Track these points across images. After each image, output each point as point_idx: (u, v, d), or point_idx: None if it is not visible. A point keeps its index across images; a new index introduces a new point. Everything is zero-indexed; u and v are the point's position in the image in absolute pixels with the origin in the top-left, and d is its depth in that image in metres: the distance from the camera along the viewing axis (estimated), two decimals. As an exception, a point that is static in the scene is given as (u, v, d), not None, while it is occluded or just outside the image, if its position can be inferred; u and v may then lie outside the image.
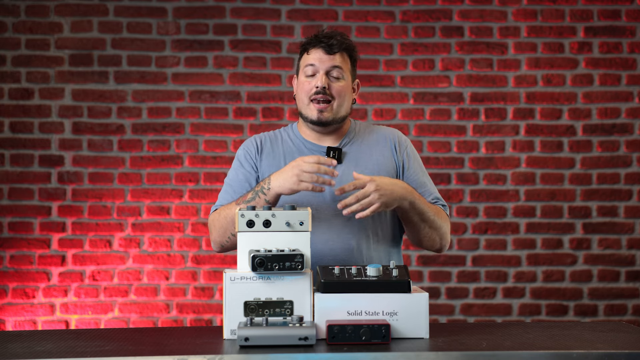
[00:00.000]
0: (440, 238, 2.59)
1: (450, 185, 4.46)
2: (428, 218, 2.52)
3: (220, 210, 2.55)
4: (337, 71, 2.58)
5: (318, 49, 2.59)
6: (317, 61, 2.58)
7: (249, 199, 2.46)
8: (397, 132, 2.73)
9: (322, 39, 2.58)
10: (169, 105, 4.41)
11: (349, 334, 2.04)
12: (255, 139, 2.68)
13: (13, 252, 4.33)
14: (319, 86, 2.55)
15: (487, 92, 4.48)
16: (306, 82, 2.59)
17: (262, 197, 2.44)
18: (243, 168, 2.64)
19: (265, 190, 2.43)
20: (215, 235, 2.57)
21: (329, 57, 2.58)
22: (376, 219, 2.58)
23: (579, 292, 4.45)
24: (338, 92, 2.58)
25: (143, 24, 4.42)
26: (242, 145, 2.70)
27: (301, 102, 2.61)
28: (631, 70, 4.48)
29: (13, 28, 4.38)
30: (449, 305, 4.43)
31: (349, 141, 2.66)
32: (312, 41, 2.60)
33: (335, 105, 2.58)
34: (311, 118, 2.58)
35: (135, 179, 4.39)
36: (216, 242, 2.58)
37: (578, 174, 4.47)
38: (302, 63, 2.63)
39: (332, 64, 2.57)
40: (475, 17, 4.47)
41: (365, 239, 2.56)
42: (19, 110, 4.38)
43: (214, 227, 2.57)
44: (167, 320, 4.35)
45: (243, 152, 2.66)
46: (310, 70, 2.58)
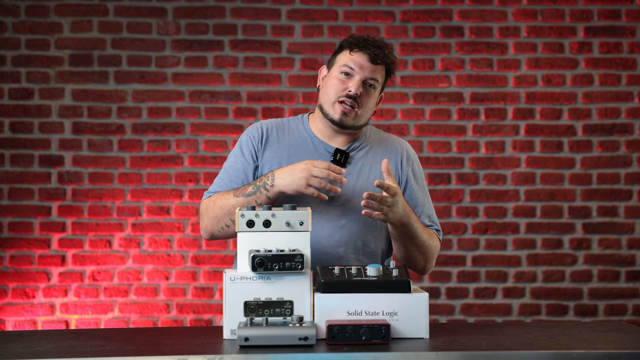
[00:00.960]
0: (425, 261, 2.57)
1: (450, 185, 4.46)
2: (418, 242, 2.50)
3: (215, 199, 2.50)
4: (372, 82, 2.53)
5: (364, 54, 2.52)
6: (357, 65, 2.51)
7: (249, 193, 2.43)
8: (406, 146, 2.67)
9: (370, 46, 2.52)
10: (169, 105, 4.41)
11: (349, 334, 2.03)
12: (262, 126, 2.61)
13: (13, 252, 4.33)
14: (353, 91, 2.49)
15: (487, 92, 4.48)
16: (339, 80, 2.52)
17: (264, 193, 2.41)
18: (243, 157, 2.58)
19: (268, 186, 2.41)
20: (207, 223, 2.52)
21: (371, 67, 2.52)
22: (370, 231, 2.55)
23: (579, 292, 4.45)
24: (366, 103, 2.53)
25: (143, 24, 4.42)
26: (246, 130, 2.63)
27: (327, 97, 2.54)
28: (631, 70, 4.48)
29: (13, 28, 4.38)
30: (449, 305, 4.43)
31: (359, 146, 2.61)
32: (361, 43, 2.53)
33: (359, 113, 2.53)
34: (332, 117, 2.52)
35: (135, 179, 4.39)
36: (207, 230, 2.53)
37: (578, 174, 4.47)
38: (340, 58, 2.55)
39: (371, 75, 2.52)
40: (475, 17, 4.47)
41: (352, 249, 2.52)
42: (19, 110, 4.38)
43: (206, 214, 2.51)
44: (167, 320, 4.35)
45: (246, 139, 2.60)
46: (348, 70, 2.52)
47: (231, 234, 2.49)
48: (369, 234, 2.55)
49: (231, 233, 2.49)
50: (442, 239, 4.42)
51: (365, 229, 2.54)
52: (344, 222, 2.52)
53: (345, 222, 2.52)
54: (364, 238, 2.54)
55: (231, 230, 2.48)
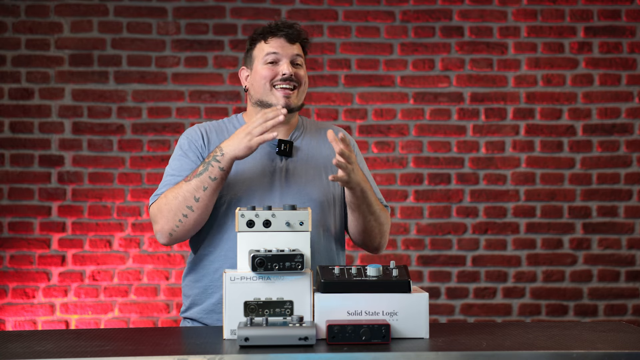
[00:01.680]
0: (381, 235, 2.59)
1: (450, 185, 4.46)
2: (374, 211, 2.52)
3: (165, 195, 2.43)
4: (299, 59, 2.56)
5: (279, 37, 2.55)
6: (279, 49, 2.53)
7: (200, 172, 2.39)
8: (342, 130, 2.65)
9: (283, 28, 2.55)
10: (169, 105, 4.41)
11: (349, 334, 2.03)
12: (200, 129, 2.59)
13: (13, 252, 4.33)
14: (287, 73, 2.51)
15: (487, 92, 4.48)
16: (267, 68, 2.53)
17: (216, 165, 2.38)
18: (188, 158, 2.53)
19: (218, 157, 2.38)
20: (162, 223, 2.42)
21: (291, 46, 2.55)
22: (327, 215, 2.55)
23: (579, 292, 4.45)
24: (301, 79, 2.56)
25: (143, 24, 4.42)
26: (184, 134, 2.60)
27: (262, 88, 2.53)
28: (631, 70, 4.48)
29: (13, 28, 4.38)
30: (449, 305, 4.43)
31: (300, 135, 2.63)
32: (273, 29, 2.56)
33: (300, 92, 2.56)
34: (277, 104, 2.51)
35: (135, 179, 4.39)
36: (164, 230, 2.43)
37: (578, 174, 4.47)
38: (258, 52, 2.57)
39: (294, 52, 2.55)
40: (475, 17, 4.47)
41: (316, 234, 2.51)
42: (19, 110, 4.38)
43: (160, 213, 2.42)
44: (167, 320, 4.35)
45: (187, 141, 2.56)
46: (272, 58, 2.53)
47: (190, 226, 2.42)
48: (328, 218, 2.56)
49: (190, 225, 2.42)
50: (442, 238, 4.44)
51: (322, 213, 2.54)
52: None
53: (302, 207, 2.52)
54: (324, 222, 2.55)
55: (190, 221, 2.41)
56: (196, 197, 2.39)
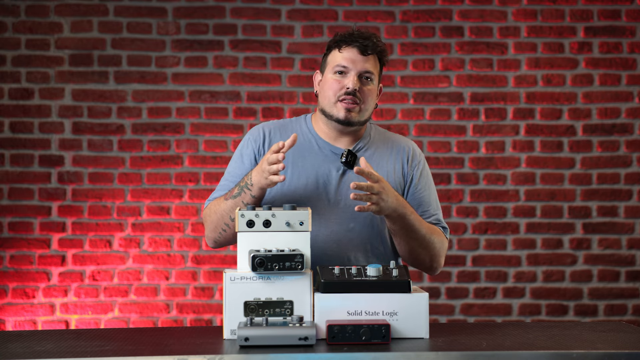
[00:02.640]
0: (431, 259, 2.52)
1: (450, 185, 4.46)
2: (419, 235, 2.45)
3: (211, 205, 2.53)
4: (368, 74, 2.52)
5: (352, 48, 2.51)
6: (349, 62, 2.50)
7: (235, 195, 2.43)
8: (412, 145, 2.65)
9: (357, 39, 2.51)
10: (169, 105, 4.41)
11: (349, 334, 2.03)
12: (263, 128, 2.59)
13: (13, 252, 4.33)
14: (350, 87, 2.48)
15: (487, 92, 4.48)
16: (335, 80, 2.51)
17: (247, 193, 2.40)
18: (242, 162, 2.57)
19: (249, 186, 2.40)
20: (208, 231, 2.55)
21: (363, 59, 2.51)
22: (377, 233, 2.53)
23: (579, 292, 4.45)
24: (366, 96, 2.51)
25: (143, 24, 4.42)
26: (247, 134, 2.61)
27: (327, 99, 2.52)
28: (631, 70, 4.48)
29: (13, 28, 4.38)
30: (449, 305, 4.43)
31: (364, 146, 2.59)
32: (347, 39, 2.52)
33: (363, 108, 2.51)
34: (337, 117, 2.50)
35: (135, 179, 4.39)
36: (209, 237, 2.56)
37: (578, 174, 4.47)
38: (331, 59, 2.54)
39: (365, 66, 2.51)
40: (475, 17, 4.47)
41: (363, 251, 2.51)
42: (19, 110, 4.38)
43: (206, 222, 2.55)
44: (167, 320, 4.35)
45: (247, 143, 2.58)
46: (341, 69, 2.50)
47: (230, 238, 2.50)
48: (376, 237, 2.53)
49: (230, 237, 2.50)
50: (442, 239, 4.43)
51: (373, 231, 2.52)
52: (352, 226, 2.50)
53: (354, 225, 2.51)
54: (372, 241, 2.53)
55: (229, 235, 2.49)
56: (231, 217, 2.45)
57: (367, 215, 2.50)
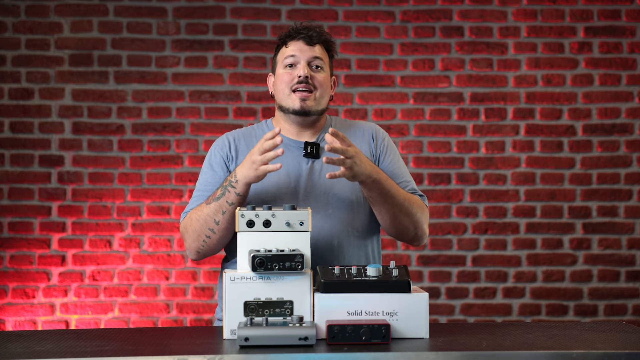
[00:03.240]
0: (415, 227, 2.51)
1: (450, 185, 4.46)
2: (397, 201, 2.45)
3: (190, 215, 2.48)
4: (318, 62, 2.55)
5: (298, 40, 2.55)
6: (297, 52, 2.54)
7: (219, 196, 2.41)
8: (374, 126, 2.67)
9: (301, 31, 2.55)
10: (169, 105, 4.41)
11: (349, 334, 2.03)
12: (228, 138, 2.61)
13: (13, 252, 4.33)
14: (302, 75, 2.50)
15: (487, 92, 4.48)
16: (286, 73, 2.54)
17: (232, 191, 2.38)
18: (213, 171, 2.57)
19: (233, 183, 2.38)
20: (189, 242, 2.49)
21: (310, 48, 2.54)
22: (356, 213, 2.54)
23: (579, 292, 4.45)
24: (320, 83, 2.54)
25: (143, 24, 4.42)
26: (213, 145, 2.62)
27: (281, 93, 2.54)
28: (631, 70, 4.48)
29: (13, 28, 4.38)
30: (449, 305, 4.43)
31: None
32: (292, 34, 2.56)
33: (318, 96, 2.53)
34: (293, 108, 2.52)
35: (135, 179, 4.39)
36: (191, 248, 2.50)
37: (578, 174, 4.47)
38: (279, 57, 2.58)
39: (313, 54, 2.54)
40: (475, 17, 4.47)
41: (345, 234, 2.52)
42: (19, 110, 4.38)
43: (186, 233, 2.49)
44: (167, 320, 4.35)
45: (214, 153, 2.59)
46: (290, 61, 2.54)
47: (214, 245, 2.47)
48: (357, 217, 2.55)
49: (214, 244, 2.46)
50: (442, 239, 4.44)
51: (352, 213, 2.53)
52: (330, 212, 2.52)
53: (332, 211, 2.52)
54: (352, 222, 2.54)
55: (214, 241, 2.45)
56: (216, 221, 2.42)
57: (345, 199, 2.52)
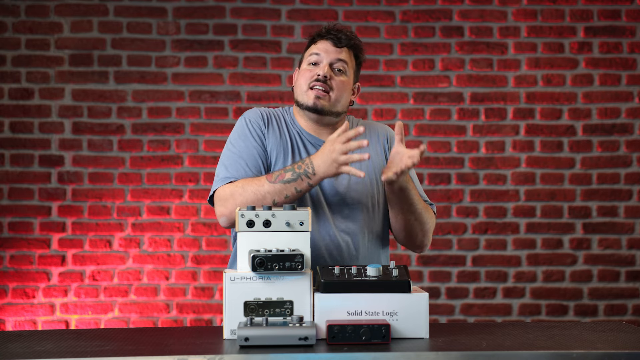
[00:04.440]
0: (423, 234, 2.56)
1: (450, 185, 4.46)
2: (415, 210, 2.49)
3: (243, 184, 2.40)
4: (341, 64, 2.54)
5: (326, 40, 2.56)
6: (322, 51, 2.54)
7: (289, 180, 2.37)
8: (388, 129, 2.69)
9: (331, 32, 2.56)
10: (169, 105, 4.41)
11: (349, 334, 2.03)
12: (262, 112, 2.59)
13: (13, 252, 4.33)
14: (321, 74, 2.50)
15: (487, 92, 4.48)
16: (308, 70, 2.54)
17: (306, 181, 2.36)
18: (255, 140, 2.53)
19: (309, 174, 2.36)
20: (232, 209, 2.40)
21: (336, 50, 2.54)
22: (371, 216, 2.56)
23: (579, 292, 4.45)
24: (338, 86, 2.53)
25: (143, 24, 4.42)
26: (245, 114, 2.60)
27: (299, 88, 2.55)
28: (631, 70, 4.48)
29: (13, 28, 4.38)
30: (449, 305, 4.43)
31: None
32: (322, 33, 2.57)
33: (333, 97, 2.53)
34: (307, 104, 2.52)
35: (135, 179, 4.39)
36: (228, 217, 2.41)
37: (578, 174, 4.47)
38: (306, 53, 2.59)
39: (337, 56, 2.54)
40: (475, 17, 4.47)
41: (360, 236, 2.54)
42: (19, 110, 4.38)
43: (232, 199, 2.40)
44: (167, 320, 4.35)
45: (251, 124, 2.56)
46: (314, 59, 2.55)
47: None
48: (372, 220, 2.57)
49: None
50: (442, 239, 4.44)
51: (367, 216, 2.55)
52: (347, 212, 2.53)
53: (349, 212, 2.53)
54: (367, 224, 2.56)
55: None
56: (274, 201, 2.39)
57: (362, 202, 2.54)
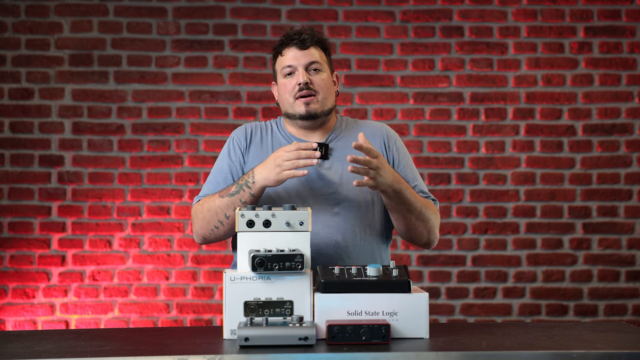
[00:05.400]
0: (428, 232, 2.55)
1: (450, 185, 4.46)
2: (415, 209, 2.48)
3: (203, 202, 2.53)
4: (315, 65, 2.57)
5: (291, 47, 2.57)
6: (293, 60, 2.56)
7: (233, 192, 2.45)
8: (385, 127, 2.70)
9: (293, 37, 2.57)
10: (169, 105, 4.41)
11: (349, 334, 2.03)
12: (247, 128, 2.66)
13: (13, 252, 4.33)
14: (302, 82, 2.53)
15: (487, 92, 4.48)
16: (287, 82, 2.57)
17: (247, 191, 2.42)
18: (229, 158, 2.62)
19: (250, 184, 2.42)
20: (197, 227, 2.54)
21: (304, 53, 2.56)
22: (364, 214, 2.56)
23: (579, 292, 4.45)
24: (320, 86, 2.56)
25: (143, 24, 4.42)
26: (233, 132, 2.68)
27: (286, 102, 2.58)
28: (631, 70, 4.48)
29: (13, 28, 4.38)
30: (449, 305, 4.43)
31: (336, 137, 2.63)
32: (284, 41, 2.59)
33: (321, 98, 2.56)
34: (300, 113, 2.55)
35: (135, 179, 4.39)
36: (198, 234, 2.55)
37: (578, 174, 4.47)
38: (278, 67, 2.61)
39: (308, 59, 2.56)
40: (475, 17, 4.47)
41: (351, 233, 2.54)
42: (19, 110, 4.38)
43: (196, 218, 2.54)
44: (167, 320, 4.35)
45: (232, 141, 2.64)
46: (288, 70, 2.56)
47: (221, 235, 2.52)
48: (364, 218, 2.56)
49: (221, 234, 2.52)
50: (442, 239, 4.44)
51: (359, 214, 2.55)
52: (337, 210, 2.54)
53: (338, 210, 2.54)
54: (359, 223, 2.55)
55: (221, 232, 2.51)
56: (226, 215, 2.47)
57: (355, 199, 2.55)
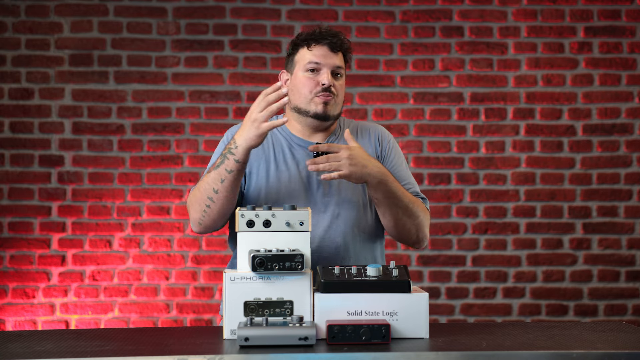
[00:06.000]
0: (417, 229, 2.52)
1: (450, 185, 4.46)
2: (401, 204, 2.46)
3: (196, 186, 2.49)
4: (339, 70, 2.57)
5: (323, 45, 2.55)
6: (321, 58, 2.54)
7: (218, 164, 2.40)
8: (380, 128, 2.71)
9: (327, 37, 2.56)
10: (169, 105, 4.41)
11: (349, 334, 2.03)
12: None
13: (13, 252, 4.33)
14: (326, 83, 2.52)
15: (487, 92, 4.48)
16: (309, 78, 2.54)
17: (231, 158, 2.37)
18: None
19: (233, 150, 2.37)
20: (192, 213, 2.48)
21: (333, 55, 2.55)
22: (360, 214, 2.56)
23: (579, 292, 4.45)
24: (339, 90, 2.57)
25: (143, 24, 4.42)
26: (229, 130, 2.64)
27: (302, 97, 2.55)
28: (631, 70, 4.48)
29: (13, 28, 4.38)
30: (449, 305, 4.43)
31: (336, 139, 2.64)
32: (317, 37, 2.56)
33: (337, 102, 2.57)
34: (315, 111, 2.53)
35: (135, 179, 4.39)
36: (194, 220, 2.49)
37: (578, 174, 4.47)
38: (300, 58, 2.58)
39: (336, 63, 2.56)
40: (475, 17, 4.47)
41: (351, 235, 2.54)
42: (19, 110, 4.38)
43: (191, 206, 2.49)
44: (167, 320, 4.35)
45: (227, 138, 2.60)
46: (313, 66, 2.54)
47: (215, 216, 2.44)
48: (363, 219, 2.57)
49: (214, 215, 2.44)
50: (442, 239, 4.44)
51: (359, 214, 2.56)
52: (337, 212, 2.54)
53: (339, 211, 2.55)
54: (358, 223, 2.56)
55: (214, 212, 2.43)
56: (215, 189, 2.41)
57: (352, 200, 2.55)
